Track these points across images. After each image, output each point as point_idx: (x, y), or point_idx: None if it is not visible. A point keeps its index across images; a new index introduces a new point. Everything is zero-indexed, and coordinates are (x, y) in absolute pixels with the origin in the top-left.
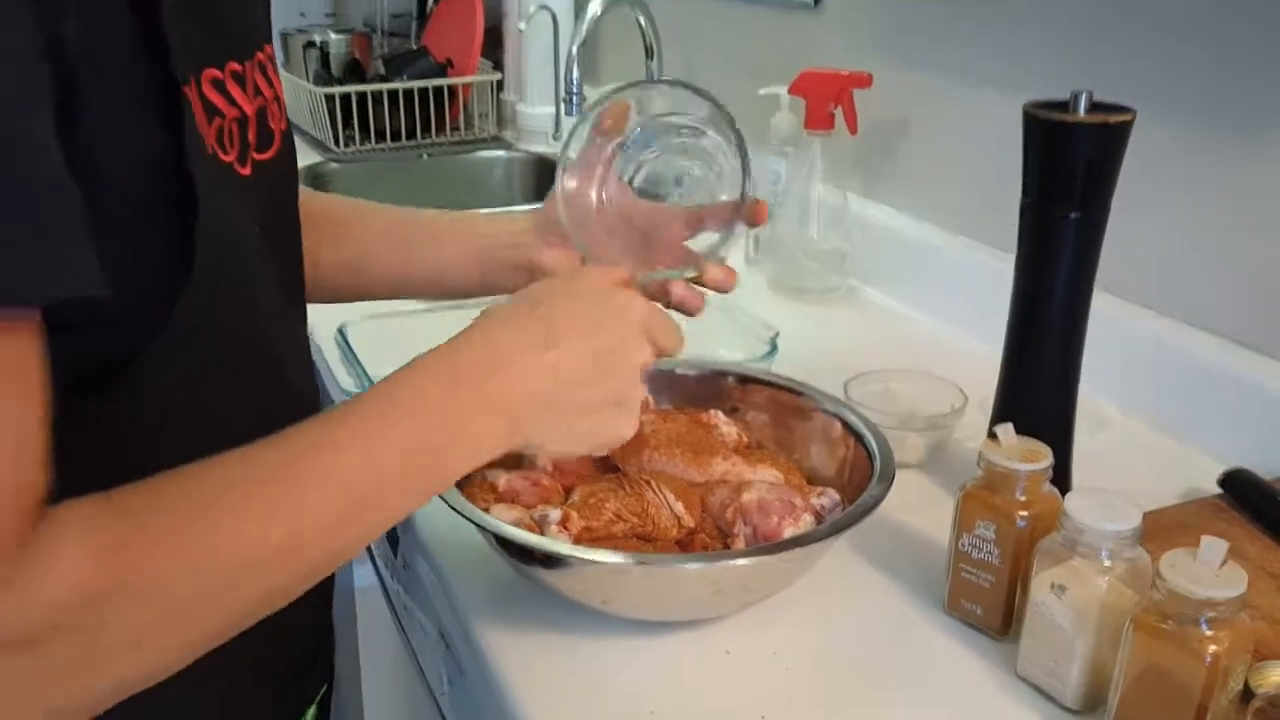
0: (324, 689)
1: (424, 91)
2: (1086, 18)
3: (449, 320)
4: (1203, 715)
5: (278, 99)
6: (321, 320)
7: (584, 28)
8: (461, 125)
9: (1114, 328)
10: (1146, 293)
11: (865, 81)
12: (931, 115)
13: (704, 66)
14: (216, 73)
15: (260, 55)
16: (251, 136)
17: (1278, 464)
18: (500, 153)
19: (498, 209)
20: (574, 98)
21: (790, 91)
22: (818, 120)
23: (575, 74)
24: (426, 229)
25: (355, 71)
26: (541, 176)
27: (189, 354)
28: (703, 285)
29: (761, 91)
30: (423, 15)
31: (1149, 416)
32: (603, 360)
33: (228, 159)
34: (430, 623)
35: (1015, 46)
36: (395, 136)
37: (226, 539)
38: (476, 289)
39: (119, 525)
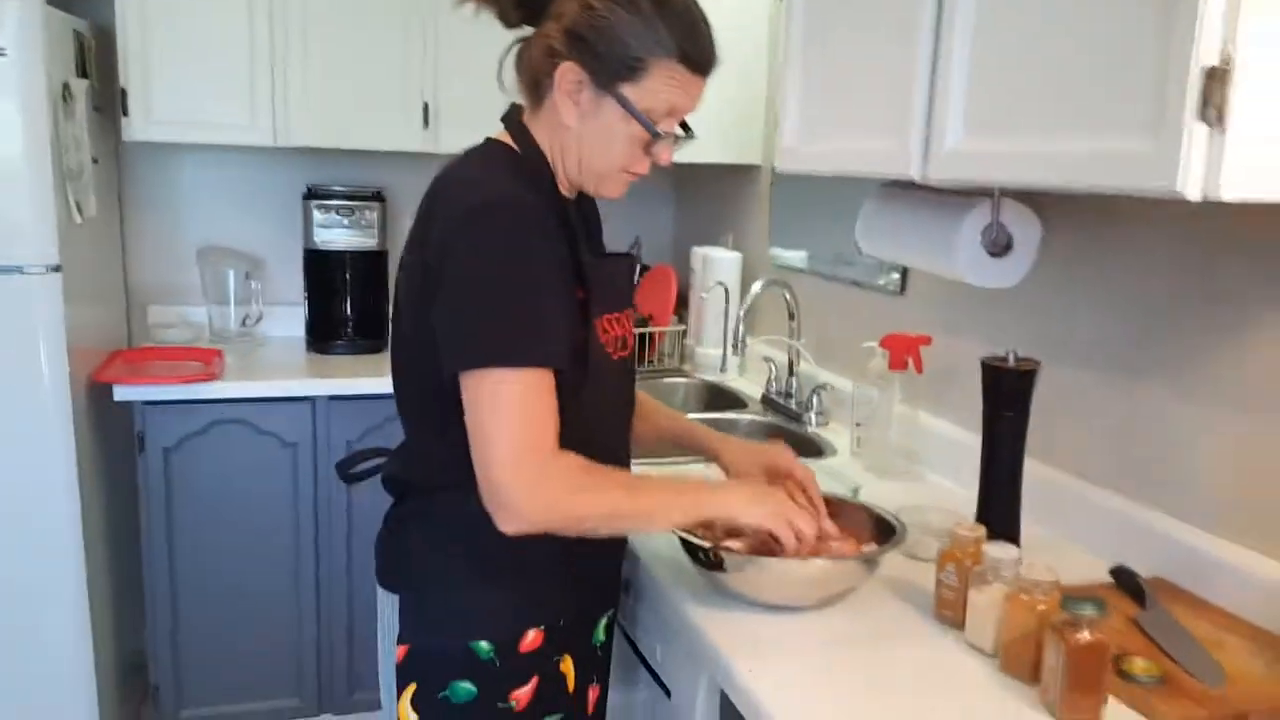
0: (613, 611)
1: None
2: (1042, 309)
3: None
4: (1040, 642)
5: (631, 332)
6: None
7: (750, 299)
8: (656, 359)
9: (1037, 476)
10: (1059, 459)
11: (928, 341)
12: (965, 362)
13: (828, 327)
14: (610, 315)
15: (629, 311)
16: (619, 345)
17: (1128, 562)
18: (682, 380)
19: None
20: (740, 343)
21: (880, 345)
22: (898, 364)
23: (741, 328)
24: (668, 429)
25: None
26: (710, 397)
27: (587, 405)
28: None
29: (864, 344)
30: (632, 283)
31: (1058, 529)
32: (770, 502)
33: (609, 350)
34: (652, 620)
35: (1002, 323)
36: None
37: (615, 499)
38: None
39: (593, 465)
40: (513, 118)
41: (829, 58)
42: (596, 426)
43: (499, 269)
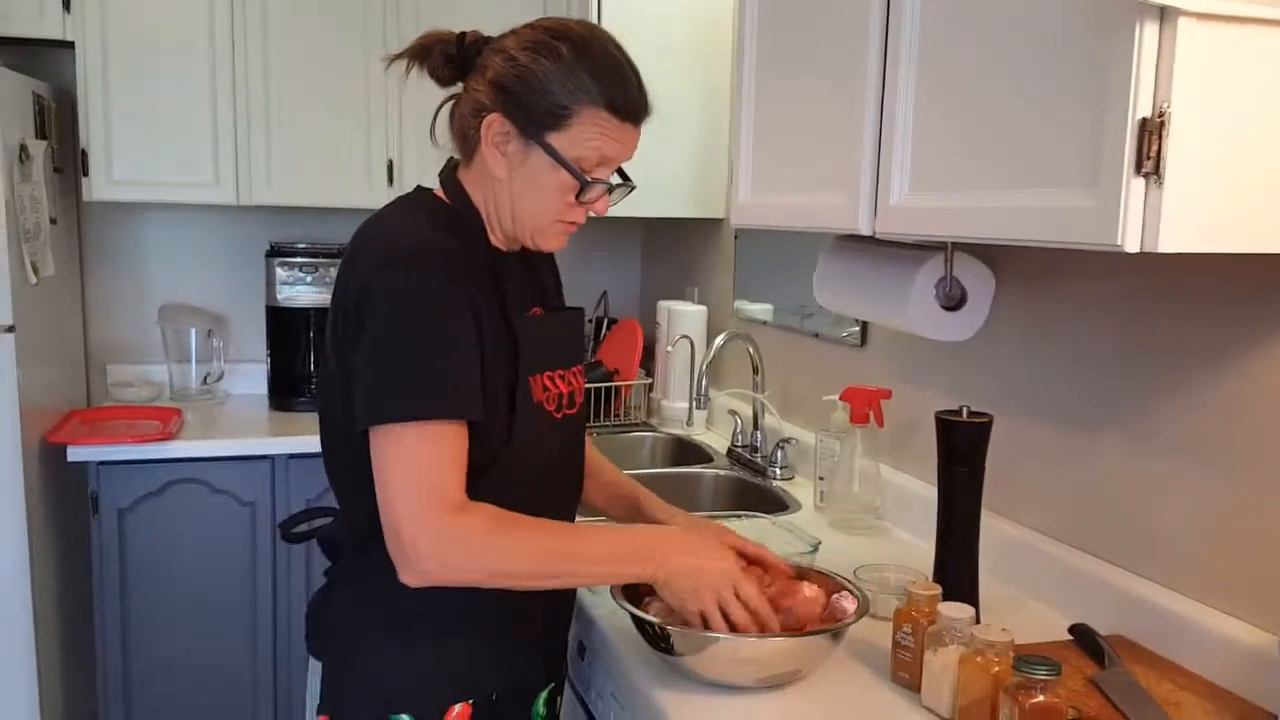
0: (554, 684)
1: (599, 390)
2: (1000, 361)
3: None
4: (995, 704)
5: (580, 389)
6: None
7: (711, 352)
8: (623, 413)
9: (997, 532)
10: (1021, 514)
11: (887, 394)
12: (926, 414)
13: (790, 380)
14: (551, 372)
15: (576, 368)
16: (565, 403)
17: (1088, 618)
18: (648, 433)
19: (638, 471)
20: (702, 398)
21: (840, 398)
22: (859, 417)
23: (704, 383)
24: (620, 497)
25: None
26: (676, 451)
27: (521, 462)
28: None
29: (824, 398)
30: (598, 337)
31: (1020, 586)
32: (710, 575)
33: (550, 408)
34: (606, 684)
35: (961, 376)
36: None
37: (541, 540)
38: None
39: (507, 518)
40: (447, 172)
41: (780, 113)
42: (536, 484)
43: (411, 319)
